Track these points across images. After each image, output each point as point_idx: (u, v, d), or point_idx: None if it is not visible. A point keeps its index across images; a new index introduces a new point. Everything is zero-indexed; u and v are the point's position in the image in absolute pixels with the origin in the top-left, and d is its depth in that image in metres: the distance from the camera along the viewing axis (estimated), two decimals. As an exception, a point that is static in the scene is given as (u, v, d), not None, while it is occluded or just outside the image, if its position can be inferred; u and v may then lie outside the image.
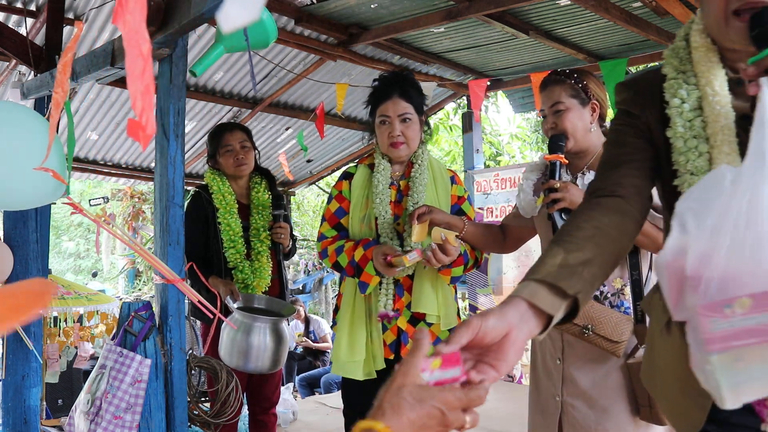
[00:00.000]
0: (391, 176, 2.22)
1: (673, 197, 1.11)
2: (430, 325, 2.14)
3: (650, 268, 1.85)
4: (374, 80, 2.27)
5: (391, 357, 2.13)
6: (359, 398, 2.23)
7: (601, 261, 1.00)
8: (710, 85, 1.08)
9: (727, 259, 0.83)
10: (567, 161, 1.86)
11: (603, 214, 1.07)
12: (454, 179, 2.29)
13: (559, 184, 1.77)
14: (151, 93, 0.95)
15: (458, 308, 2.29)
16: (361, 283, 2.12)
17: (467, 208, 2.26)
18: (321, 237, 2.25)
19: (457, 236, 2.07)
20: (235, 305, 2.49)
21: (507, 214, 2.24)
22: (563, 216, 1.78)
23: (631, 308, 1.80)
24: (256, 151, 2.91)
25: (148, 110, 0.93)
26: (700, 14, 1.14)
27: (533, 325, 0.90)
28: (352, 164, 2.31)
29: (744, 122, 1.05)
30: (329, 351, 6.76)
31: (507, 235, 2.17)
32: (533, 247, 5.15)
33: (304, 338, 6.91)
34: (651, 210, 1.75)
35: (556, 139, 1.86)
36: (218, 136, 2.83)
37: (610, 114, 1.73)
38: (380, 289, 2.12)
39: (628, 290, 1.81)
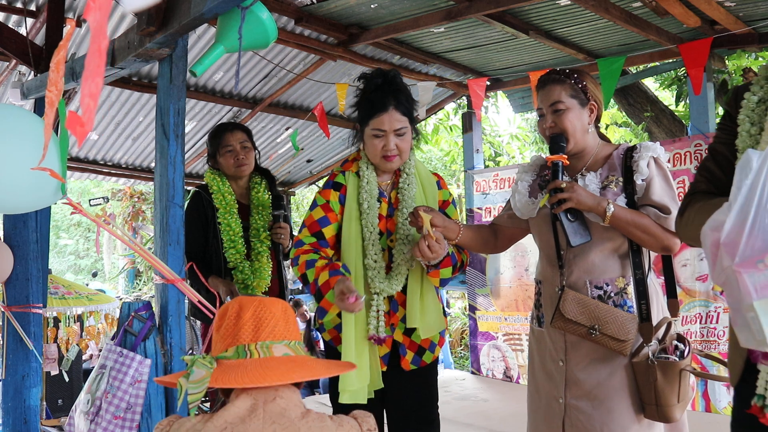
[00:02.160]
0: (380, 186, 2.16)
1: None
2: None
3: (649, 267, 1.85)
4: (358, 78, 2.16)
5: (384, 369, 2.11)
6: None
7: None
8: None
9: (754, 226, 1.01)
10: (568, 162, 1.85)
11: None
12: (439, 184, 2.25)
13: (565, 184, 1.76)
14: (99, 91, 0.95)
15: (444, 309, 2.25)
16: (320, 308, 2.06)
17: (451, 211, 2.22)
18: (298, 243, 2.09)
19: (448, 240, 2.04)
20: None
21: (498, 213, 2.22)
22: (570, 216, 1.77)
23: (635, 307, 1.79)
24: (256, 152, 2.90)
25: (92, 107, 0.93)
26: None
27: None
28: (338, 170, 2.21)
29: None
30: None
31: (498, 235, 2.13)
32: (529, 247, 5.16)
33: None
34: (657, 211, 1.76)
35: (557, 140, 1.84)
36: (218, 136, 2.82)
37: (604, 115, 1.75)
38: (370, 311, 2.06)
39: (630, 289, 1.81)
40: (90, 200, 4.95)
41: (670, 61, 4.56)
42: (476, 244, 2.12)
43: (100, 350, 4.33)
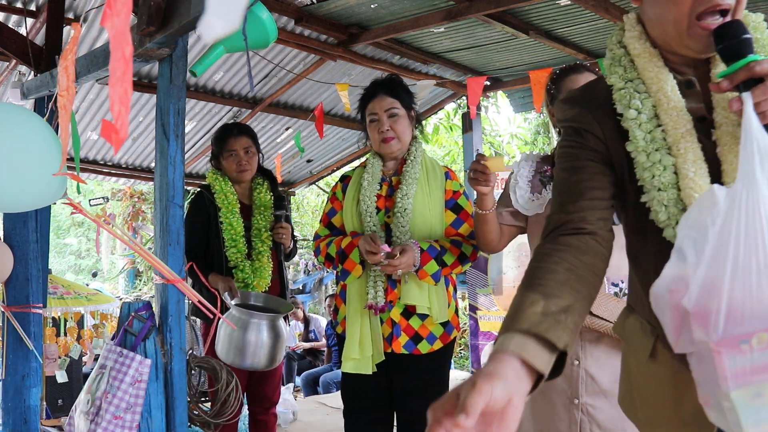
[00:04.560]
0: (384, 173, 2.28)
1: (640, 214, 1.08)
2: (423, 318, 2.14)
3: None
4: (365, 89, 2.34)
5: (389, 350, 2.15)
6: (359, 399, 2.23)
7: (579, 306, 0.95)
8: (662, 92, 1.05)
9: (732, 289, 0.79)
10: None
11: (573, 255, 1.01)
12: (448, 174, 2.31)
13: None
14: (129, 96, 0.95)
15: (456, 306, 2.28)
16: (344, 270, 2.19)
17: (464, 202, 2.27)
18: (315, 237, 2.37)
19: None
20: (233, 302, 2.49)
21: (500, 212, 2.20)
22: None
23: None
24: (260, 154, 2.90)
25: (125, 113, 0.93)
26: (631, 20, 1.12)
27: (526, 384, 0.83)
28: (350, 169, 2.44)
29: (702, 125, 1.03)
30: (325, 350, 6.76)
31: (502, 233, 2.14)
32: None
33: (301, 343, 6.92)
34: None
35: None
36: (223, 139, 2.81)
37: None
38: (368, 282, 2.16)
39: None
40: (90, 200, 4.94)
41: (671, 61, 4.55)
42: (494, 230, 2.05)
43: (97, 356, 4.33)
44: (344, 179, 2.36)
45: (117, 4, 0.97)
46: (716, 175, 1.00)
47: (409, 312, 2.15)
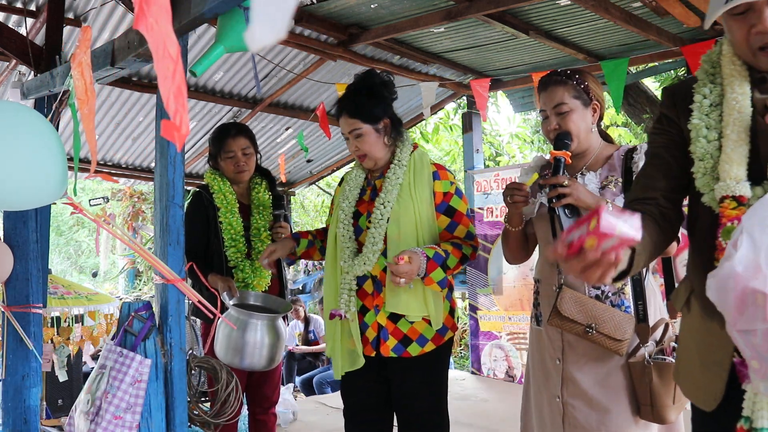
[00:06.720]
0: (370, 177, 2.27)
1: (698, 194, 1.22)
2: (412, 322, 2.11)
3: (647, 268, 1.85)
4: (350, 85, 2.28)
5: (372, 354, 2.12)
6: (359, 399, 2.23)
7: (647, 252, 1.20)
8: (731, 85, 1.17)
9: None
10: (570, 161, 1.85)
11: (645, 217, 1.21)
12: (437, 174, 2.18)
13: (567, 180, 1.76)
14: (184, 94, 0.94)
15: (450, 306, 2.20)
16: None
17: (456, 203, 2.17)
18: None
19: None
20: (232, 302, 2.49)
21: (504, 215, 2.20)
22: (567, 213, 1.76)
23: (632, 307, 1.79)
24: (258, 154, 2.90)
25: (182, 111, 0.93)
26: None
27: None
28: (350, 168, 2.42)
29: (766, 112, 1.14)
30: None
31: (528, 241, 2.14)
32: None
33: (302, 347, 6.93)
34: None
35: (562, 137, 1.84)
36: (221, 140, 2.80)
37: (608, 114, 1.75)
38: (340, 288, 2.16)
39: (628, 289, 1.81)
40: (90, 200, 4.94)
41: (670, 61, 4.55)
42: (518, 246, 2.04)
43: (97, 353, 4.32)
44: (341, 182, 2.36)
45: (153, 7, 0.96)
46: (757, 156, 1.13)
47: (395, 315, 2.09)
